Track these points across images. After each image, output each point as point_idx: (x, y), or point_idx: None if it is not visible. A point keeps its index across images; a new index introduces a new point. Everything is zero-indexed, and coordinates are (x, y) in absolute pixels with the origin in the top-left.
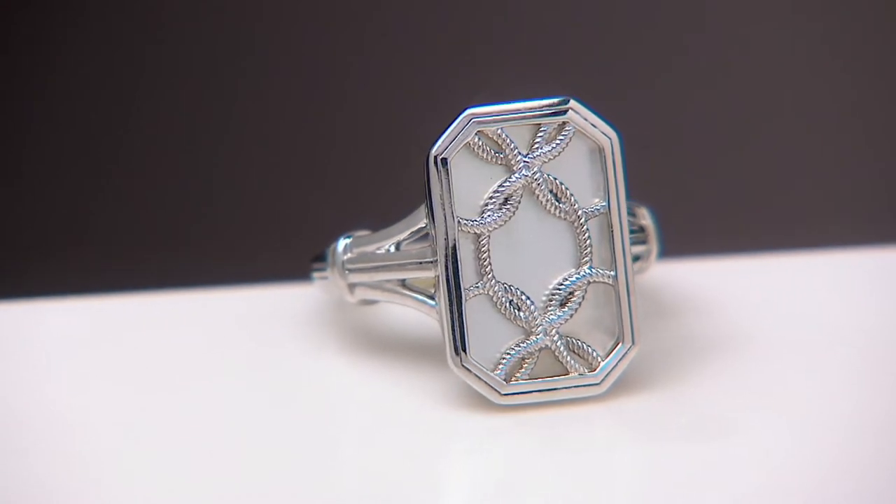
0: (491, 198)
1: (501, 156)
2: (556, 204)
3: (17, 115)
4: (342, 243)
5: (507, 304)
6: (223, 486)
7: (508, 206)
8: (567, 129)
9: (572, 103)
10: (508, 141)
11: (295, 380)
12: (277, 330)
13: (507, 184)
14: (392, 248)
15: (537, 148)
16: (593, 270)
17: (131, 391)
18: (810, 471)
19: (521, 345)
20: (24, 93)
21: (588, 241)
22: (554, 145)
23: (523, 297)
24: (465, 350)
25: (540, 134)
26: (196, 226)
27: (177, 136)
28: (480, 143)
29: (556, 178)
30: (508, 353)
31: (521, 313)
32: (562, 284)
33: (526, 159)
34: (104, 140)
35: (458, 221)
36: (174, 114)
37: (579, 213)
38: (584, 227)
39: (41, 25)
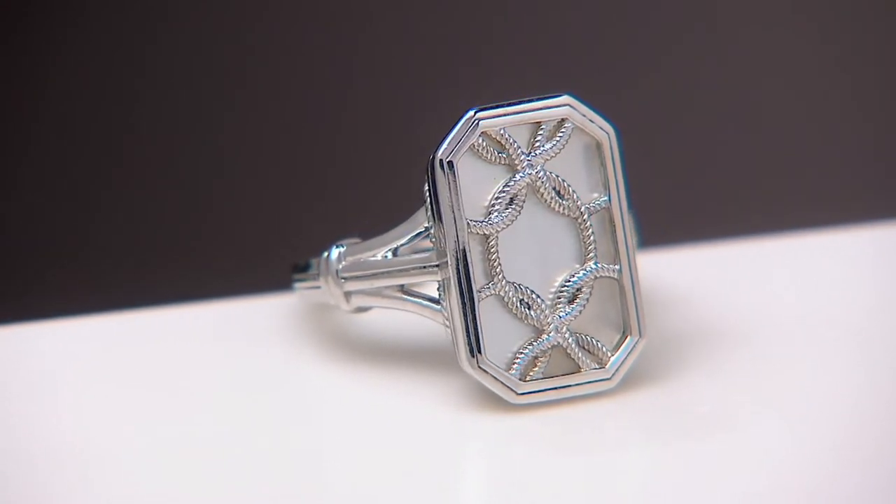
0: (497, 198)
1: (504, 155)
2: (560, 201)
3: None
4: (335, 252)
5: (518, 304)
6: (231, 497)
7: (514, 206)
8: (566, 125)
9: (571, 100)
10: (511, 140)
11: (294, 390)
12: (268, 340)
13: (513, 183)
14: (389, 255)
15: (539, 146)
16: (599, 265)
17: (128, 414)
18: (818, 466)
19: (534, 343)
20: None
21: (592, 237)
22: (554, 142)
23: (533, 296)
24: (480, 351)
25: (540, 132)
26: (185, 234)
27: (170, 142)
28: (484, 144)
29: (558, 176)
30: (522, 353)
31: (532, 312)
32: (569, 281)
33: (529, 158)
34: (85, 153)
35: (468, 223)
36: (166, 117)
37: (582, 209)
38: (588, 222)
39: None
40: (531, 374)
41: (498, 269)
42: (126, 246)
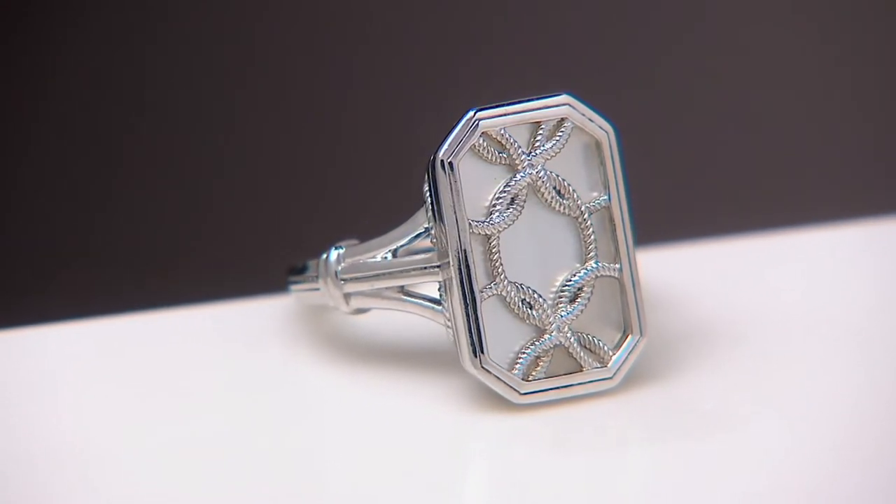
0: (498, 198)
1: (504, 155)
2: (560, 200)
3: None
4: (335, 253)
5: (520, 304)
6: (231, 497)
7: (515, 206)
8: (566, 125)
9: (570, 99)
10: (512, 140)
11: (294, 390)
12: (267, 342)
13: (514, 182)
14: (388, 256)
15: (539, 145)
16: (599, 264)
17: (128, 415)
18: (818, 466)
19: (536, 343)
20: None
21: (592, 236)
22: (554, 142)
23: (535, 296)
24: (483, 351)
25: (540, 132)
26: (184, 235)
27: (170, 142)
28: (485, 145)
29: (558, 175)
30: (524, 353)
31: (534, 311)
32: (570, 280)
33: (529, 158)
34: (85, 153)
35: (469, 224)
36: (166, 117)
37: (582, 208)
38: (588, 222)
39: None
40: (534, 373)
41: (500, 269)
42: (125, 248)
